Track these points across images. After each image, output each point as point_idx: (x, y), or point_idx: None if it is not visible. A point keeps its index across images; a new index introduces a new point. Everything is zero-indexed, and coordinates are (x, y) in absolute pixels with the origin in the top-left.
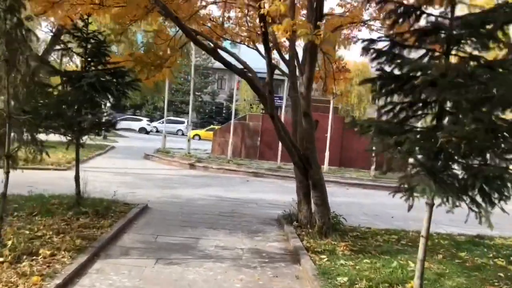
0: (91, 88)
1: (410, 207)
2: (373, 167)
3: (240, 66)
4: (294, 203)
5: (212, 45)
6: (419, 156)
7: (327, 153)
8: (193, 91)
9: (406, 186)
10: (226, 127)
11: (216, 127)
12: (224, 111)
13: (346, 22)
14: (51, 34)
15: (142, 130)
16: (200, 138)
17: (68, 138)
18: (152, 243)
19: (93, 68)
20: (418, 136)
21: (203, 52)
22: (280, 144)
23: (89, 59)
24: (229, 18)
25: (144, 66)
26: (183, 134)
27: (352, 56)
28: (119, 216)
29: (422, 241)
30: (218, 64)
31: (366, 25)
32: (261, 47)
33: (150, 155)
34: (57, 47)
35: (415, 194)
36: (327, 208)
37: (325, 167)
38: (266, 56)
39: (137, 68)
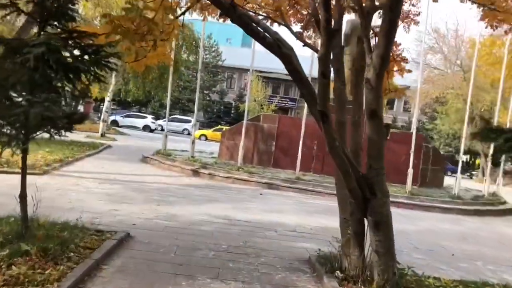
0: (44, 65)
1: None
2: (409, 181)
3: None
4: (330, 237)
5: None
6: None
7: None
8: (201, 89)
9: None
10: (237, 129)
11: (224, 127)
12: (232, 111)
13: None
14: None
15: (146, 128)
16: (206, 139)
17: (3, 138)
18: None
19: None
20: None
21: (213, 49)
22: (300, 150)
23: (44, 21)
24: None
25: (126, 34)
26: (189, 134)
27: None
28: (82, 255)
29: None
30: (228, 62)
31: None
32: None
33: (148, 157)
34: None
35: None
36: (392, 258)
37: None
38: (323, 4)
39: (115, 37)
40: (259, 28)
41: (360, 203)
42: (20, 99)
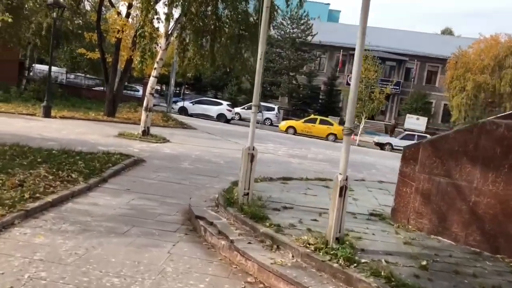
0: None
1: None
2: None
3: None
4: None
5: None
6: None
7: None
8: (286, 71)
9: None
10: (465, 139)
11: (318, 117)
12: (321, 96)
13: None
14: None
15: (221, 117)
16: (295, 132)
17: None
18: None
19: None
20: None
21: (302, 21)
22: None
23: None
24: None
25: None
26: (271, 124)
27: (495, 27)
28: None
29: None
30: (318, 38)
31: None
32: None
33: (204, 219)
34: None
35: None
36: None
37: None
38: None
39: None
40: None
41: None
42: None
